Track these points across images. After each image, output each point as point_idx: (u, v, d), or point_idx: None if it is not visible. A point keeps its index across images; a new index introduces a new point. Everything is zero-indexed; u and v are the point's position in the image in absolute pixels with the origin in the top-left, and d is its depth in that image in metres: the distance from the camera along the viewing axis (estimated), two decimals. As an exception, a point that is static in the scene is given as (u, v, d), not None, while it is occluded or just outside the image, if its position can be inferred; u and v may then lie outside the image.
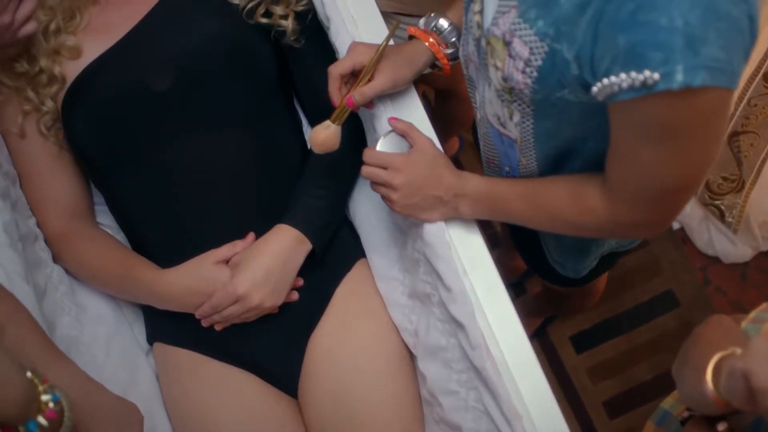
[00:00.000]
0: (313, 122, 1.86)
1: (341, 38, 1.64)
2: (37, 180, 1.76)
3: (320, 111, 1.73)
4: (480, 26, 1.31)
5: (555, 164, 1.42)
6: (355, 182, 1.83)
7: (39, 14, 1.70)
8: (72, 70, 1.70)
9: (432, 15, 1.57)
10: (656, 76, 1.04)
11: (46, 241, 1.76)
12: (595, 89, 1.13)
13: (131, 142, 1.70)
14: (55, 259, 1.77)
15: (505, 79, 1.26)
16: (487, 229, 2.48)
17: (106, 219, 1.86)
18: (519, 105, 1.30)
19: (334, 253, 1.76)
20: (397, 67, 1.55)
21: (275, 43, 1.77)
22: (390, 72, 1.54)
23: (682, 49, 1.02)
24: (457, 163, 2.74)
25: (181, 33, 1.71)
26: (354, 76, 1.55)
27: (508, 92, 1.28)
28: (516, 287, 2.71)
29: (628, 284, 2.70)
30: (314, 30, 1.77)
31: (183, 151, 1.69)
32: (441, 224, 1.52)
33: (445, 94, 2.42)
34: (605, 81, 1.10)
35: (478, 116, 1.51)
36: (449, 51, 1.57)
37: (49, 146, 1.75)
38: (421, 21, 1.58)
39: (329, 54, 1.72)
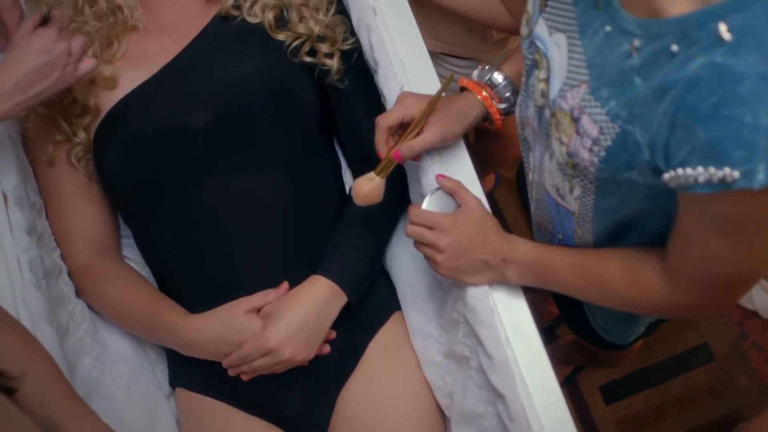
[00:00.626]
0: (353, 165, 1.83)
1: (389, 84, 1.61)
2: (64, 211, 1.72)
3: (361, 154, 1.72)
4: (545, 95, 1.27)
5: (612, 237, 1.38)
6: (394, 231, 1.79)
7: None
8: (107, 101, 1.67)
9: (486, 67, 1.54)
10: (736, 174, 1.00)
11: (69, 274, 1.72)
12: (667, 176, 1.09)
13: (164, 180, 1.66)
14: (78, 294, 1.73)
15: (569, 155, 1.22)
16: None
17: (132, 253, 1.83)
18: (581, 180, 1.26)
19: (369, 305, 1.73)
20: (448, 121, 1.51)
21: (318, 82, 1.74)
22: (440, 126, 1.50)
23: (765, 148, 0.98)
24: (492, 198, 2.71)
25: (223, 68, 1.68)
26: (402, 128, 1.51)
27: (572, 167, 1.25)
28: (547, 332, 2.67)
29: (663, 335, 2.65)
30: (359, 70, 1.74)
31: (218, 191, 1.65)
32: (485, 288, 1.48)
33: (485, 133, 2.37)
34: (680, 171, 1.06)
35: (531, 178, 1.47)
36: (502, 106, 1.54)
37: (78, 177, 1.72)
38: (475, 72, 1.55)
39: (374, 96, 1.69)
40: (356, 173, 1.82)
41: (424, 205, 1.48)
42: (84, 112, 1.67)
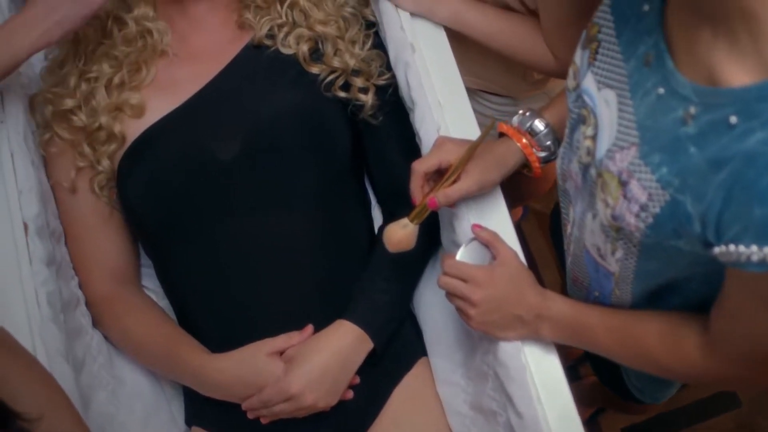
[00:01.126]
0: (384, 202, 1.80)
1: (426, 125, 1.59)
2: (84, 239, 1.70)
3: (393, 191, 1.69)
4: (591, 153, 1.24)
5: (652, 299, 1.35)
6: (422, 274, 1.77)
7: (104, 66, 1.66)
8: (133, 129, 1.65)
9: (527, 113, 1.51)
10: None
11: (87, 304, 1.70)
12: (717, 250, 1.06)
13: (189, 213, 1.64)
14: (95, 324, 1.71)
15: (614, 218, 1.19)
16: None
17: (151, 283, 1.81)
18: (625, 243, 1.23)
19: (394, 349, 1.69)
20: (486, 168, 1.49)
21: (351, 117, 1.71)
22: (478, 174, 1.47)
23: None
24: (519, 230, 2.67)
25: (253, 100, 1.65)
26: (438, 174, 1.49)
27: (616, 230, 1.22)
28: (569, 371, 2.63)
29: (690, 379, 2.62)
30: (393, 105, 1.71)
31: (244, 227, 1.63)
32: (517, 344, 1.45)
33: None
34: (731, 247, 1.03)
35: (569, 231, 1.44)
36: (542, 154, 1.51)
37: (100, 205, 1.70)
38: (515, 118, 1.52)
39: (408, 132, 1.66)
40: (386, 210, 1.80)
41: (459, 256, 1.46)
42: (109, 140, 1.65)
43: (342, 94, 1.68)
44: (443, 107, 1.59)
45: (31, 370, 1.37)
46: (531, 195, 2.45)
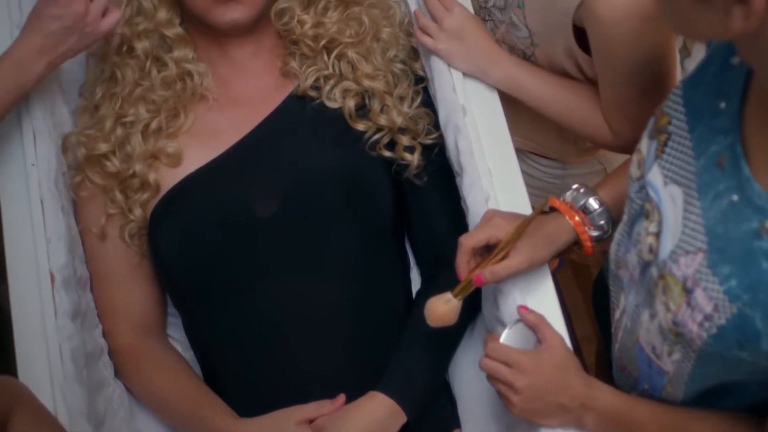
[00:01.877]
0: (423, 265, 1.77)
1: (474, 194, 1.55)
2: (111, 287, 1.68)
3: (434, 256, 1.67)
4: (653, 251, 1.21)
5: (704, 398, 1.31)
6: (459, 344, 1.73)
7: (141, 110, 1.63)
8: (168, 178, 1.62)
9: (581, 190, 1.47)
10: None
11: (110, 353, 1.68)
12: None
13: (221, 270, 1.61)
14: (117, 374, 1.68)
15: (675, 324, 1.15)
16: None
17: (177, 333, 1.78)
18: (683, 348, 1.19)
19: (427, 420, 1.65)
20: (536, 246, 1.45)
21: (395, 177, 1.68)
22: (527, 252, 1.44)
23: None
24: (554, 279, 2.63)
25: (295, 155, 1.63)
26: (486, 248, 1.46)
27: (675, 334, 1.18)
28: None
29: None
30: (438, 165, 1.68)
31: (277, 288, 1.60)
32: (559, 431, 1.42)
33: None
34: None
35: (617, 316, 1.40)
36: (595, 233, 1.47)
37: (129, 254, 1.67)
38: (568, 194, 1.48)
39: (453, 195, 1.63)
40: (425, 273, 1.76)
41: (503, 339, 1.42)
42: (143, 188, 1.62)
43: (387, 154, 1.65)
44: (493, 176, 1.56)
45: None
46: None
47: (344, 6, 1.75)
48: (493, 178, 1.56)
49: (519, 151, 1.65)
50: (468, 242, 1.44)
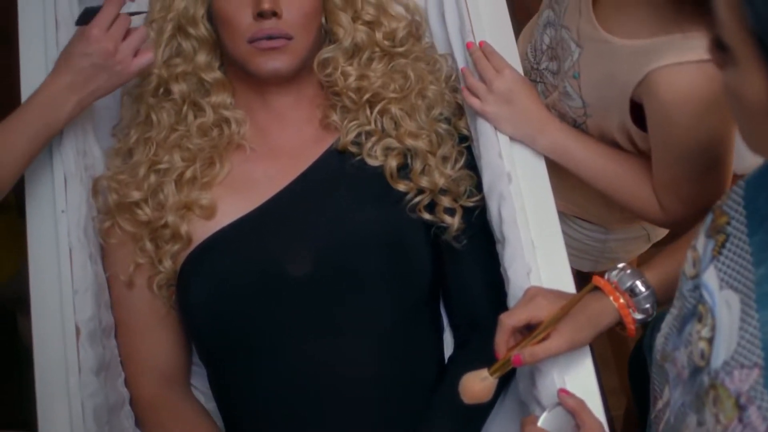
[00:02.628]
0: (457, 328, 1.74)
1: (516, 266, 1.52)
2: (136, 336, 1.66)
3: (469, 321, 1.66)
4: (705, 358, 1.18)
5: None
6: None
7: (176, 158, 1.62)
8: (201, 230, 1.60)
9: (628, 271, 1.44)
10: None
11: (131, 402, 1.66)
12: None
13: (251, 328, 1.59)
14: (138, 424, 1.66)
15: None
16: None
17: (201, 383, 1.76)
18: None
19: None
20: (578, 328, 1.42)
21: (433, 239, 1.65)
22: (568, 334, 1.41)
23: None
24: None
25: (332, 214, 1.61)
26: (526, 327, 1.43)
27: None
28: None
29: None
30: (479, 228, 1.65)
31: (307, 349, 1.57)
32: None
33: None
34: None
35: (659, 407, 1.37)
36: (639, 316, 1.44)
37: (156, 304, 1.65)
38: (613, 273, 1.45)
39: (492, 260, 1.60)
40: (459, 337, 1.73)
41: (541, 423, 1.39)
42: (174, 239, 1.60)
43: (427, 216, 1.62)
44: (536, 248, 1.53)
45: None
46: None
47: (389, 58, 1.73)
48: (536, 251, 1.53)
49: (561, 214, 1.62)
50: (509, 321, 1.42)
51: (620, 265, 1.46)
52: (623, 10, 1.41)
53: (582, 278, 1.81)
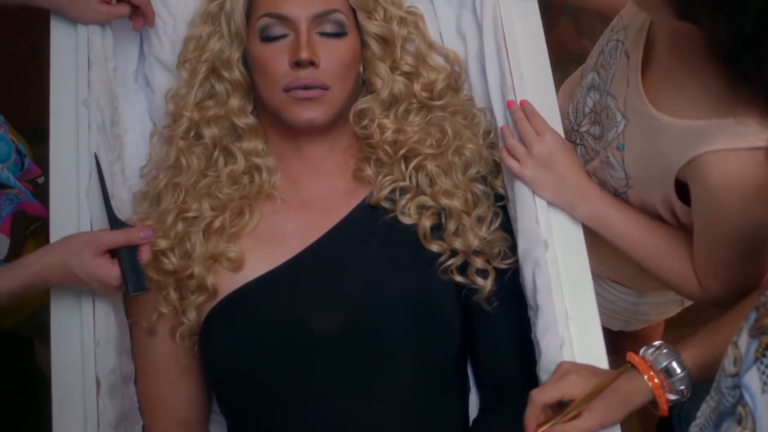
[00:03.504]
0: (483, 390, 1.71)
1: (549, 337, 1.50)
2: (156, 384, 1.64)
3: (496, 385, 1.64)
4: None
5: None
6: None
7: (204, 206, 1.61)
8: (227, 283, 1.59)
9: (664, 351, 1.42)
10: None
11: (147, 450, 1.64)
12: None
13: (274, 384, 1.56)
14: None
15: None
16: None
17: (220, 431, 1.75)
18: None
19: None
20: (610, 408, 1.41)
21: (464, 301, 1.63)
22: (600, 413, 1.40)
23: None
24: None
25: (362, 272, 1.58)
26: (558, 404, 1.42)
27: None
28: None
29: None
30: (510, 291, 1.62)
31: (330, 409, 1.55)
32: None
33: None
34: None
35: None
36: (673, 397, 1.43)
37: (178, 354, 1.63)
38: (648, 351, 1.43)
39: (523, 323, 1.58)
40: (485, 400, 1.70)
41: None
42: (199, 290, 1.58)
43: (459, 279, 1.60)
44: (570, 321, 1.51)
45: None
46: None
47: (427, 110, 1.71)
48: (570, 323, 1.51)
49: (593, 275, 1.60)
50: (540, 398, 1.40)
51: (656, 343, 1.44)
52: (674, 88, 1.38)
53: (611, 336, 1.79)
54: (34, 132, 1.83)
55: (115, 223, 1.50)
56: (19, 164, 1.70)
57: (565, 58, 1.80)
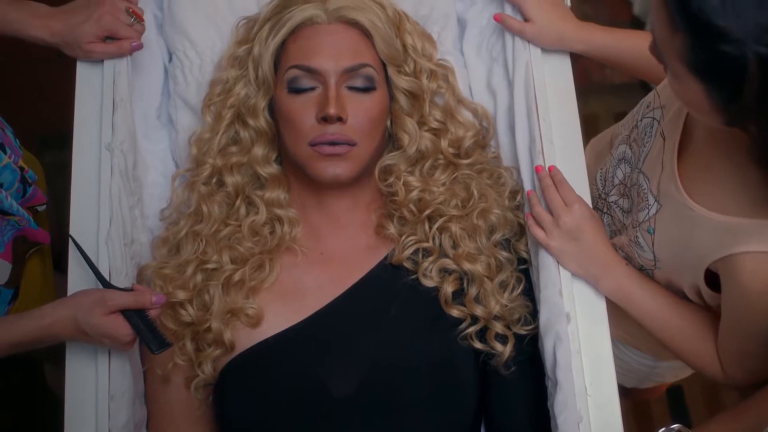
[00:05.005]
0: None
1: (567, 414, 1.48)
2: (168, 430, 1.63)
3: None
4: None
5: None
6: None
7: (224, 258, 1.58)
8: (245, 339, 1.57)
9: (683, 435, 1.41)
10: None
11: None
12: None
13: None
14: None
15: None
16: None
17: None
18: None
19: None
20: None
21: (482, 366, 1.61)
22: None
23: None
24: None
25: (381, 335, 1.57)
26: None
27: None
28: None
29: None
30: (528, 356, 1.60)
31: None
32: None
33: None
34: None
35: None
36: (690, 484, 1.41)
37: (191, 403, 1.61)
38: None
39: (540, 388, 1.57)
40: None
41: None
42: (216, 344, 1.56)
43: (478, 345, 1.58)
44: (589, 397, 1.49)
45: None
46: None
47: (453, 168, 1.68)
48: (589, 400, 1.49)
49: (612, 338, 1.58)
50: None
51: (674, 426, 1.42)
52: (712, 179, 1.35)
53: (624, 393, 1.78)
54: (57, 135, 1.79)
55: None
56: (21, 193, 1.68)
57: (587, 87, 1.74)
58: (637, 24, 3.18)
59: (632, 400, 2.42)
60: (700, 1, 1.05)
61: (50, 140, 2.72)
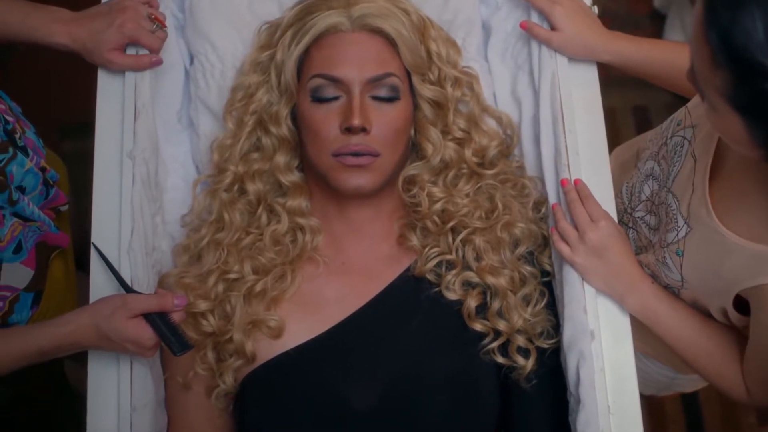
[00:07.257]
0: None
1: (590, 430, 1.46)
2: None
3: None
4: None
5: None
6: None
7: (246, 268, 1.56)
8: (266, 350, 1.55)
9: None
10: None
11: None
12: None
13: None
14: None
15: None
16: None
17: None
18: None
19: None
20: None
21: (503, 380, 1.59)
22: None
23: None
24: None
25: (402, 349, 1.55)
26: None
27: None
28: None
29: None
30: (549, 368, 1.58)
31: None
32: None
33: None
34: None
35: None
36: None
37: (212, 411, 1.59)
38: None
39: (561, 401, 1.55)
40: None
41: None
42: (237, 355, 1.55)
43: (500, 360, 1.56)
44: (612, 415, 1.47)
45: None
46: None
47: (477, 178, 1.65)
48: (612, 418, 1.47)
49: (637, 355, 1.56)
50: None
51: None
52: (744, 205, 1.31)
53: (642, 400, 1.76)
54: (83, 125, 1.77)
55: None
56: (44, 195, 1.66)
57: (607, 80, 1.70)
58: (656, 17, 3.13)
59: (647, 400, 2.40)
60: (745, 39, 1.01)
61: (70, 130, 2.70)
